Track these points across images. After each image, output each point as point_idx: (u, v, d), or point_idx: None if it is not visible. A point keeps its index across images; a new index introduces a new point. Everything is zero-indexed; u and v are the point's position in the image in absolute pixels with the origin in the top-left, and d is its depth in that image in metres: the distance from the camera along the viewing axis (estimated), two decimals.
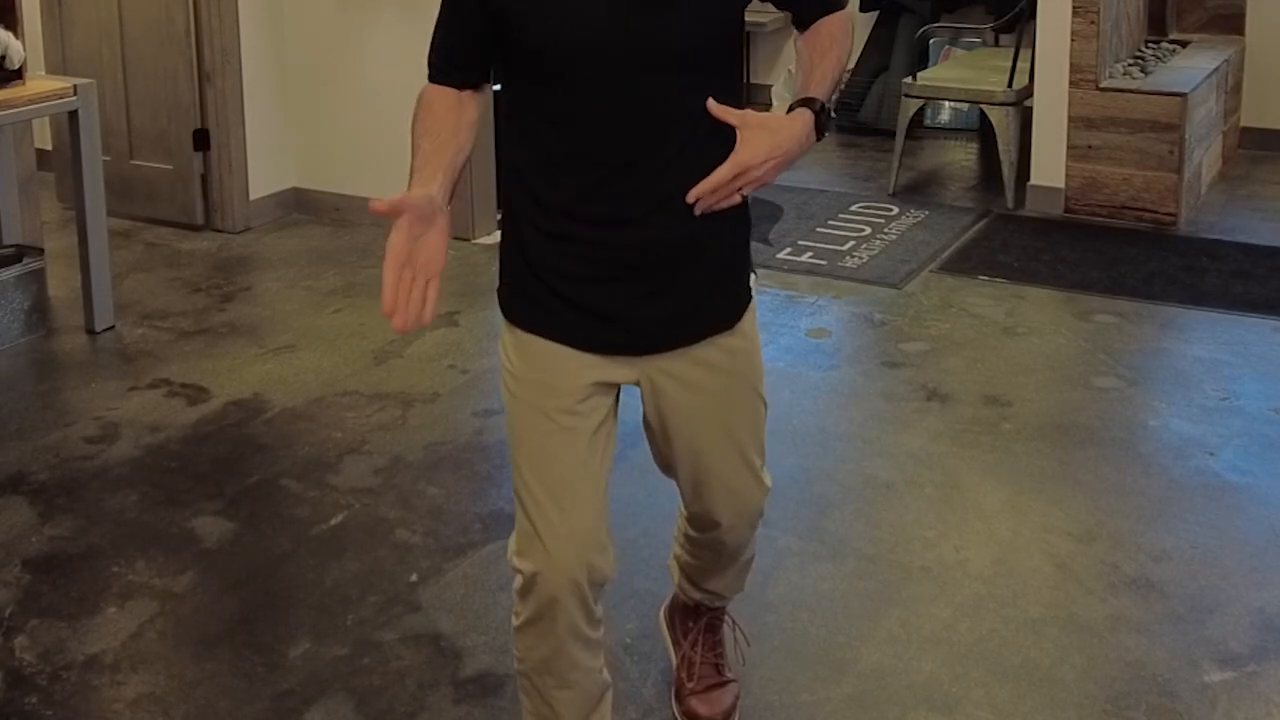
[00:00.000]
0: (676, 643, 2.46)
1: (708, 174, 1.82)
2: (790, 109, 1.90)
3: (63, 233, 4.94)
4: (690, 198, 1.81)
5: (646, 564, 2.84)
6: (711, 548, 2.25)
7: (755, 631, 2.61)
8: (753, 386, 2.12)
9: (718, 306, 2.04)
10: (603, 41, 1.84)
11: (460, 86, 1.97)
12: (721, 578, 2.35)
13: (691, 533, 2.27)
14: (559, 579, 1.95)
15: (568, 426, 1.96)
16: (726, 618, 2.47)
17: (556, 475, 1.96)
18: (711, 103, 1.84)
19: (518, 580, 2.01)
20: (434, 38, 2.00)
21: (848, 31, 2.01)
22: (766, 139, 1.82)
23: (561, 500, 1.96)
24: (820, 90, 1.91)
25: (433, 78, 1.99)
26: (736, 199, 1.83)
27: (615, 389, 2.04)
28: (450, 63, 1.98)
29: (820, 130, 1.89)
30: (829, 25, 2.00)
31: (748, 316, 2.09)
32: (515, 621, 2.04)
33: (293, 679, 2.53)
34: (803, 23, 2.02)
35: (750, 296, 2.10)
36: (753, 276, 2.12)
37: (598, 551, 1.98)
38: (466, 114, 1.97)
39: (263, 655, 2.61)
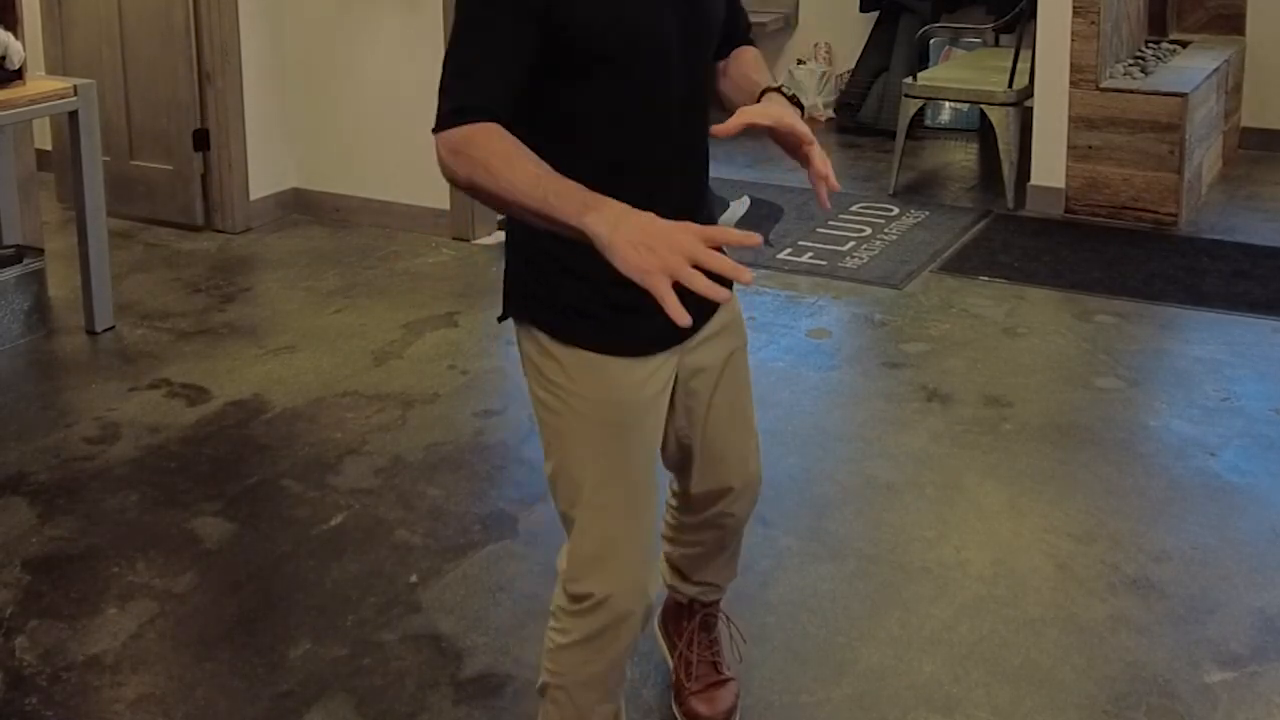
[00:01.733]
0: (672, 645, 2.46)
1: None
2: (759, 97, 1.92)
3: (63, 233, 4.94)
4: (835, 188, 1.80)
5: None
6: (715, 525, 2.25)
7: (755, 632, 2.61)
8: (745, 342, 2.18)
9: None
10: (665, 27, 1.84)
11: (507, 124, 1.70)
12: (716, 563, 2.34)
13: (688, 519, 2.26)
14: (635, 597, 1.93)
15: (643, 443, 1.95)
16: (721, 615, 2.47)
17: (635, 493, 1.94)
18: (744, 113, 1.79)
19: (566, 599, 1.96)
20: (463, 75, 1.73)
21: (763, 62, 2.06)
22: (786, 109, 1.86)
23: (641, 517, 1.94)
24: (769, 82, 1.96)
25: (471, 119, 1.68)
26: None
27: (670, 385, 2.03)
28: (495, 102, 1.70)
29: (794, 100, 1.93)
30: (749, 51, 2.07)
31: None
32: (561, 639, 1.98)
33: (293, 679, 2.53)
34: (726, 48, 2.04)
35: None
36: None
37: (656, 564, 2.02)
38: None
39: (263, 655, 2.61)
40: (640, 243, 1.49)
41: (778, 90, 1.92)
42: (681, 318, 1.44)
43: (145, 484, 3.29)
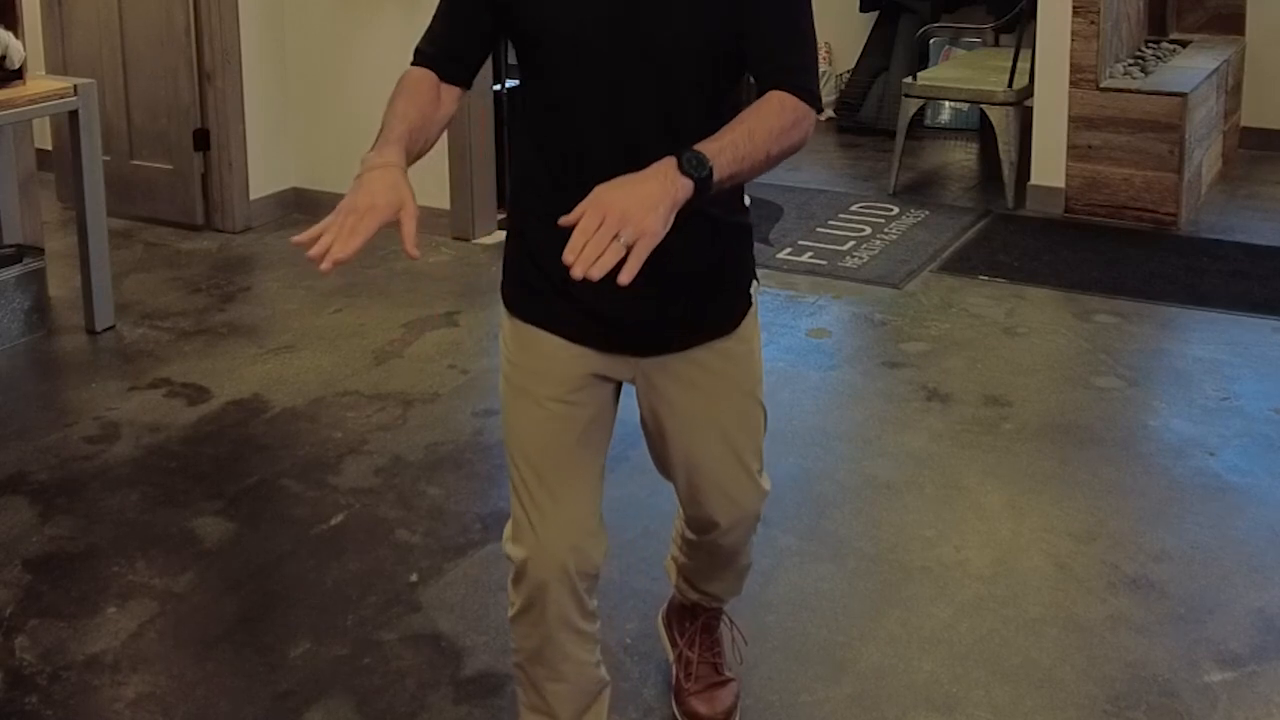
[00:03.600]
0: (674, 643, 2.46)
1: None
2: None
3: (63, 233, 4.94)
4: (567, 258, 1.57)
5: (646, 564, 2.84)
6: (708, 550, 2.25)
7: (755, 631, 2.61)
8: (749, 391, 2.10)
9: (716, 312, 2.04)
10: (599, 31, 1.83)
11: (445, 78, 1.95)
12: (718, 581, 2.35)
13: (689, 535, 2.27)
14: (548, 565, 1.98)
15: (560, 415, 1.98)
16: (724, 617, 2.47)
17: (548, 462, 1.99)
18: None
19: (511, 568, 2.05)
20: (430, 28, 2.00)
21: (787, 116, 1.78)
22: (616, 185, 1.63)
23: (552, 487, 1.98)
24: (707, 145, 1.69)
25: (418, 62, 1.96)
26: (621, 252, 1.57)
27: (613, 384, 2.05)
28: (444, 52, 1.96)
29: (685, 172, 1.64)
30: (770, 99, 1.81)
31: (747, 322, 2.09)
32: (510, 611, 2.08)
33: (293, 679, 2.53)
34: (759, 86, 1.85)
35: (750, 303, 2.09)
36: (755, 284, 2.11)
37: (588, 538, 2.00)
38: (442, 108, 1.92)
39: (263, 655, 2.61)
40: (351, 190, 1.75)
41: (678, 156, 1.67)
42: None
43: (145, 483, 3.29)
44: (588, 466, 2.01)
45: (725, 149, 1.70)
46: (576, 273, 1.55)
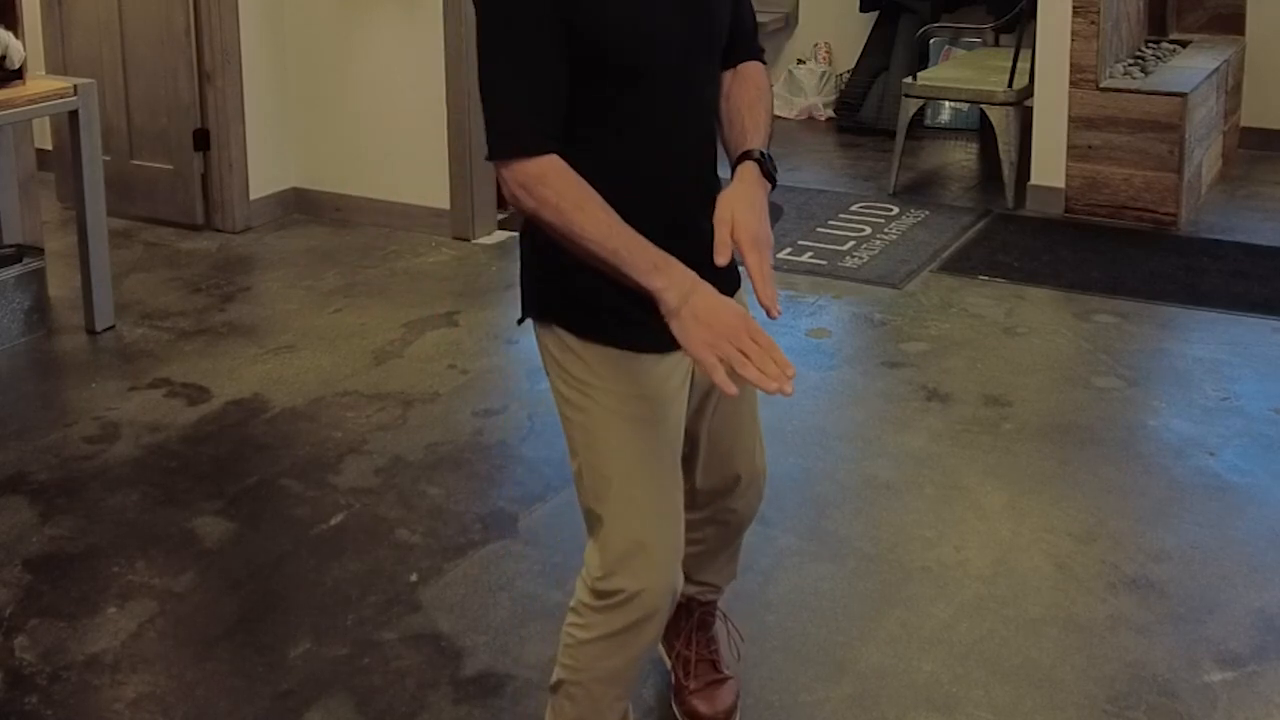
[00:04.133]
0: (670, 644, 2.46)
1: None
2: (734, 165, 1.92)
3: (63, 233, 4.94)
4: (764, 303, 1.72)
5: None
6: (719, 521, 2.26)
7: (755, 631, 2.61)
8: None
9: (732, 280, 2.05)
10: (671, 33, 1.85)
11: (558, 147, 1.79)
12: (717, 562, 2.35)
13: (693, 515, 2.25)
14: (664, 592, 1.93)
15: (668, 437, 1.96)
16: (719, 613, 2.47)
17: (666, 487, 1.95)
18: (721, 234, 1.79)
19: (589, 594, 1.95)
20: (506, 98, 1.79)
21: (769, 85, 2.03)
22: (745, 208, 1.81)
23: (667, 511, 1.95)
24: (757, 140, 1.92)
25: (532, 149, 1.76)
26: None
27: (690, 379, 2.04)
28: (548, 117, 1.78)
29: (768, 174, 1.88)
30: (755, 75, 2.01)
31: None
32: (583, 634, 1.97)
33: (293, 679, 2.53)
34: (727, 62, 2.01)
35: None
36: None
37: (680, 556, 1.99)
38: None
39: (263, 655, 2.61)
40: (703, 322, 1.68)
41: (757, 160, 1.89)
42: (731, 389, 1.62)
43: (145, 483, 3.29)
44: (679, 485, 2.01)
45: (767, 139, 1.95)
46: (775, 312, 1.71)
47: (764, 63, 2.07)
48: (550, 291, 1.97)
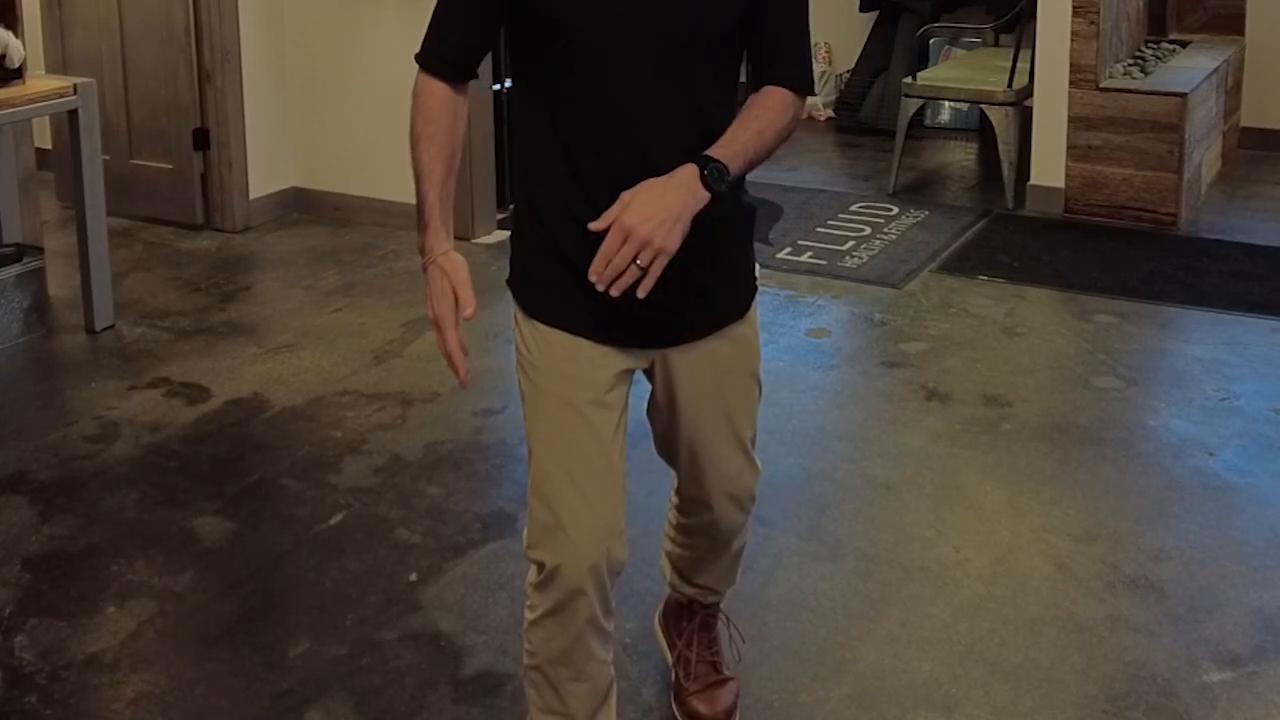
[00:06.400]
0: (671, 644, 2.46)
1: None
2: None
3: (63, 232, 4.94)
4: (591, 277, 1.76)
5: (645, 564, 2.83)
6: (704, 533, 2.26)
7: (755, 631, 2.61)
8: (752, 371, 2.17)
9: (730, 299, 2.09)
10: (626, 14, 1.84)
11: (456, 78, 1.96)
12: (714, 568, 2.35)
13: (683, 520, 2.27)
14: (582, 568, 1.95)
15: (594, 419, 1.97)
16: (720, 615, 2.47)
17: (582, 466, 1.97)
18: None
19: (533, 572, 2.01)
20: (433, 25, 1.97)
21: (790, 115, 1.92)
22: (644, 200, 1.77)
23: (586, 490, 1.96)
24: (724, 151, 1.83)
25: (429, 68, 1.96)
26: (638, 273, 1.75)
27: (632, 373, 2.06)
28: (454, 50, 1.95)
29: (708, 185, 1.79)
30: (770, 98, 1.92)
31: (753, 305, 2.15)
32: (530, 615, 2.03)
33: (293, 679, 2.53)
34: (756, 81, 1.97)
35: (756, 286, 2.16)
36: (756, 265, 2.17)
37: (617, 538, 2.00)
38: (460, 123, 1.97)
39: (263, 655, 2.61)
40: (432, 286, 2.00)
41: (699, 163, 1.81)
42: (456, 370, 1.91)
43: (145, 483, 3.29)
44: (617, 466, 2.00)
45: (739, 155, 1.84)
46: (600, 289, 1.76)
47: (803, 94, 1.96)
48: (514, 270, 2.07)
